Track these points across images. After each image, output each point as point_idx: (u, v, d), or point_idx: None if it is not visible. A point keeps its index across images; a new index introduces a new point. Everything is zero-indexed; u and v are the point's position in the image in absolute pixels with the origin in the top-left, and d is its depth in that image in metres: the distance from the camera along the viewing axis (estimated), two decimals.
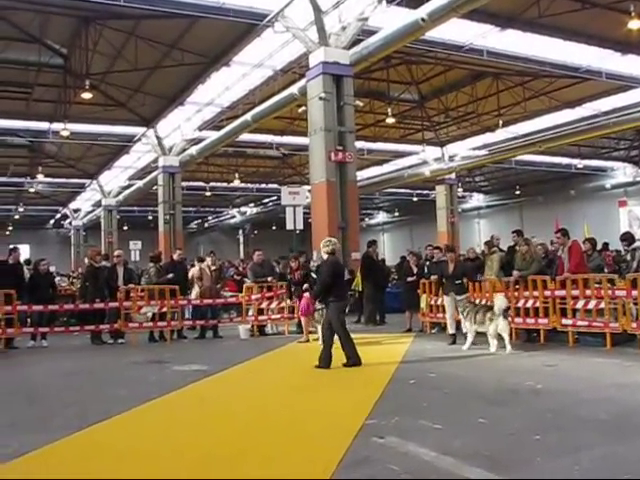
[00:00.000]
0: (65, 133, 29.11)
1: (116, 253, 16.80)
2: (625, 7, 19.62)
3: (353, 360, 9.95)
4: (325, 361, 9.87)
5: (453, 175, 37.87)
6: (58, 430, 6.22)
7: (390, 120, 28.82)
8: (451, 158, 35.44)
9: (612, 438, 5.52)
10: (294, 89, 22.80)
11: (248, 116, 26.20)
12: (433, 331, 15.16)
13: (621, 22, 19.99)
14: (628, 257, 12.24)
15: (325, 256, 10.67)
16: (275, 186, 44.55)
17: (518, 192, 47.41)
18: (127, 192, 42.27)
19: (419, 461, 5.00)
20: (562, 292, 12.00)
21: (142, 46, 22.81)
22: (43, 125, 31.19)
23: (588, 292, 11.65)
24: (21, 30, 22.25)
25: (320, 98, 19.56)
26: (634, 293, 10.85)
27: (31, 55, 24.50)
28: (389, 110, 28.51)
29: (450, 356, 11.28)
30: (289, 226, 18.71)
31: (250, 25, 20.78)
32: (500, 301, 11.43)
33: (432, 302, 14.94)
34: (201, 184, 43.88)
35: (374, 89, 28.29)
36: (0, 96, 27.67)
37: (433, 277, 14.51)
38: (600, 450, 5.18)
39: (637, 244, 12.14)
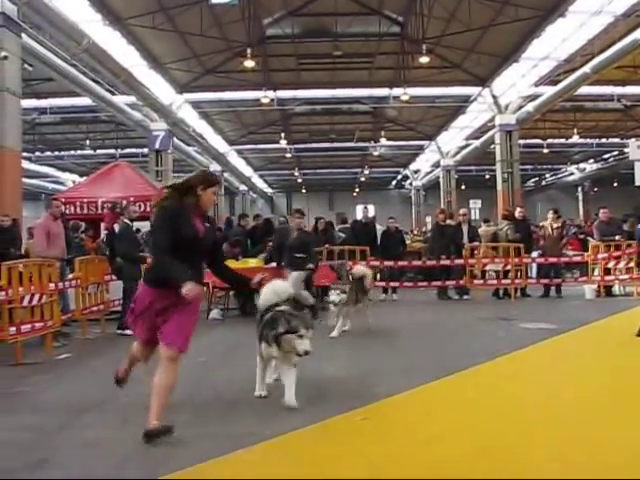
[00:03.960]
0: (405, 97, 30.17)
1: (461, 211, 17.30)
2: None
3: None
4: None
5: None
6: (420, 376, 6.76)
7: None
8: None
9: None
10: (637, 34, 21.38)
11: (587, 68, 25.04)
12: None
13: None
14: None
15: None
16: (616, 140, 42.10)
17: None
18: (464, 152, 42.60)
19: None
20: None
21: (475, 6, 22.86)
22: (384, 91, 32.55)
23: None
24: (362, 5, 23.65)
25: None
26: None
27: (371, 26, 25.86)
28: None
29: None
30: (638, 182, 17.75)
31: None
32: None
33: None
34: (538, 141, 42.85)
35: None
36: (345, 67, 29.53)
37: None
38: None
39: None
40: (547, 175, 57.92)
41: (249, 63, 24.25)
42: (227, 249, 14.33)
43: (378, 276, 16.63)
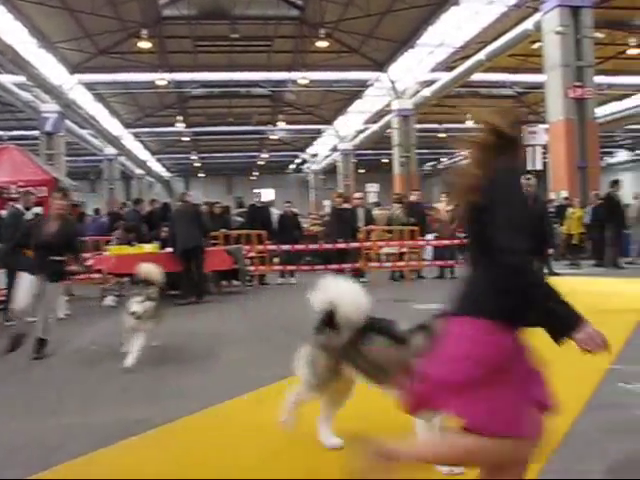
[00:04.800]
0: (303, 81, 30.36)
1: (356, 195, 17.52)
2: None
3: None
4: None
5: None
6: None
7: (633, 51, 27.11)
8: None
9: None
10: (528, 24, 22.11)
11: (481, 55, 25.81)
12: None
13: None
14: None
15: None
16: None
17: None
18: (362, 136, 43.11)
19: None
20: None
21: None
22: (282, 75, 32.63)
23: None
24: None
25: (556, 32, 18.95)
26: None
27: (270, 9, 25.80)
28: (632, 40, 26.79)
29: None
30: (528, 166, 18.42)
31: None
32: None
33: None
34: (435, 126, 43.77)
35: (615, 19, 26.61)
36: (243, 50, 29.39)
37: None
38: None
39: None
40: (444, 159, 59.16)
41: (144, 44, 23.86)
42: (122, 235, 14.12)
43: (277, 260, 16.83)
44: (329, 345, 3.96)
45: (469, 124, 41.01)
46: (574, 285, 12.51)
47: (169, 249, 12.67)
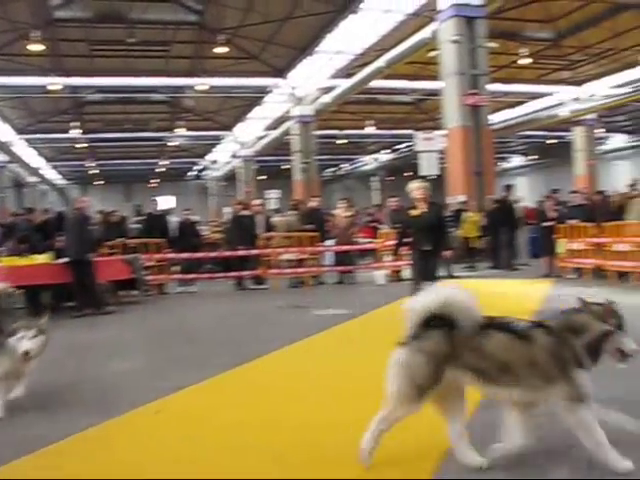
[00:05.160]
0: (202, 87, 30.08)
1: (255, 202, 17.46)
2: None
3: None
4: None
5: (591, 115, 36.40)
6: (215, 367, 6.71)
7: (525, 61, 28.05)
8: (590, 97, 34.08)
9: None
10: (426, 33, 22.54)
11: (380, 62, 26.13)
12: (571, 276, 14.97)
13: None
14: None
15: None
16: (409, 132, 44.12)
17: None
18: (263, 142, 43.05)
19: None
20: None
21: None
22: (181, 81, 32.23)
23: None
24: None
25: (452, 41, 19.37)
26: None
27: (167, 14, 25.43)
28: (524, 50, 27.72)
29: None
30: (423, 172, 18.77)
31: None
32: None
33: (571, 246, 14.76)
34: (335, 132, 44.12)
35: (507, 29, 27.50)
36: (141, 55, 28.89)
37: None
38: None
39: None
40: (344, 165, 59.75)
41: (35, 47, 23.09)
42: (13, 246, 13.62)
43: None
44: (430, 349, 3.62)
45: (368, 130, 41.69)
46: (470, 287, 12.77)
47: (64, 259, 12.24)
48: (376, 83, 29.74)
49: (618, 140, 50.02)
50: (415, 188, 9.53)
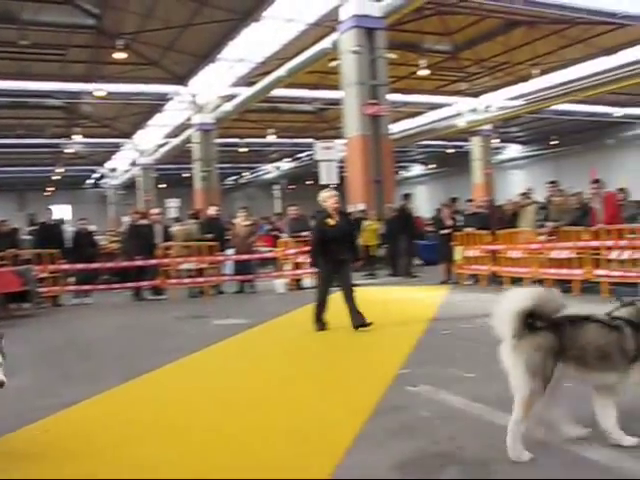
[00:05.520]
0: (100, 93, 29.41)
1: (153, 211, 17.14)
2: None
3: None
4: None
5: (488, 126, 37.53)
6: (109, 381, 6.51)
7: (423, 72, 28.59)
8: (486, 109, 35.14)
9: None
10: (327, 43, 22.72)
11: (281, 71, 26.19)
12: (468, 283, 15.29)
13: None
14: None
15: None
16: (310, 140, 44.33)
17: (555, 142, 46.59)
18: (163, 150, 42.51)
19: (451, 408, 5.17)
20: (596, 243, 12.03)
21: (173, 4, 22.92)
22: (78, 86, 31.38)
23: (622, 243, 11.67)
24: None
25: (352, 52, 19.56)
26: None
27: (63, 16, 24.72)
28: (423, 62, 28.27)
29: (483, 307, 11.28)
30: (323, 181, 18.87)
31: None
32: None
33: (467, 254, 15.09)
34: (236, 140, 43.89)
35: (407, 41, 28.00)
36: (35, 58, 27.97)
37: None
38: None
39: None
40: (246, 173, 59.56)
41: None
42: None
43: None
44: (545, 345, 3.84)
45: (270, 139, 41.66)
46: (371, 295, 12.95)
47: None
48: (278, 92, 29.79)
49: (513, 150, 51.74)
50: (328, 197, 9.52)
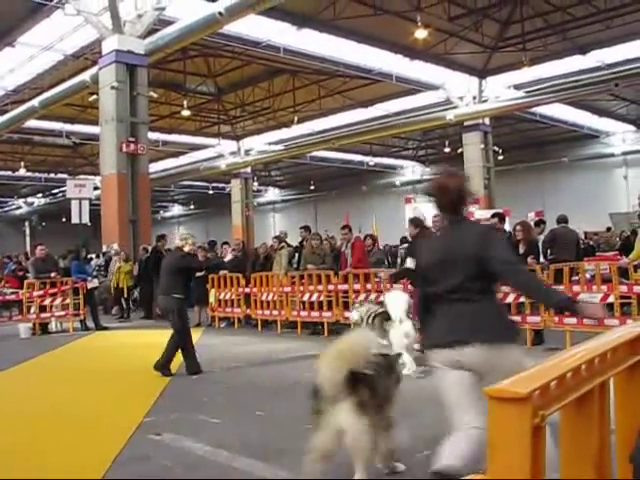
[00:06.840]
0: None
1: None
2: (413, 16, 20.74)
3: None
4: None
5: (249, 169, 38.21)
6: None
7: (186, 112, 28.54)
8: (247, 152, 35.81)
9: None
10: (86, 76, 21.98)
11: (35, 102, 24.96)
12: (222, 325, 15.31)
13: (409, 30, 20.98)
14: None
15: None
16: (65, 176, 42.52)
17: (313, 187, 48.26)
18: None
19: (193, 456, 5.11)
20: (345, 286, 12.53)
21: None
22: None
23: (369, 286, 12.25)
24: None
25: (112, 87, 19.04)
26: None
27: None
28: (185, 102, 28.26)
29: (236, 350, 11.39)
30: (74, 220, 18.25)
31: (38, 4, 19.68)
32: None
33: (221, 297, 15.14)
34: None
35: (170, 80, 27.86)
36: None
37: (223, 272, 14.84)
38: None
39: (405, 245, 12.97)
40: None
41: None
42: None
43: None
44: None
45: (21, 172, 39.47)
46: (123, 339, 12.58)
47: None
48: (31, 123, 28.37)
49: (274, 193, 53.15)
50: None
